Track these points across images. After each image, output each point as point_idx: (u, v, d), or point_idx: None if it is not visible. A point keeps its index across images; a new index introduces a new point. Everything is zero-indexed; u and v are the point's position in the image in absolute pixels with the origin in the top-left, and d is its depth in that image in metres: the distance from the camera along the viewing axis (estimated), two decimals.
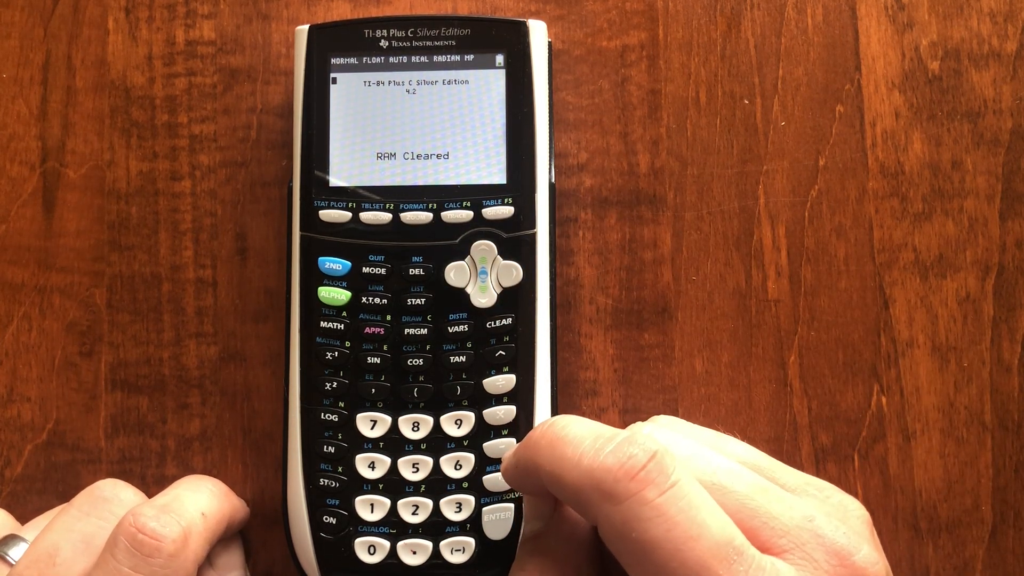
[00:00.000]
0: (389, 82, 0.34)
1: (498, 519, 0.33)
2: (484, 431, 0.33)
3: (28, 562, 0.30)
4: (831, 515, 0.27)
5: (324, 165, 0.34)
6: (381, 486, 0.33)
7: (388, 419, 0.33)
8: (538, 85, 0.34)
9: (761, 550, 0.26)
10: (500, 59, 0.34)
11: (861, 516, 0.28)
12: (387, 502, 0.33)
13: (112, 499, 0.32)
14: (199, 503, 0.31)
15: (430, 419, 0.33)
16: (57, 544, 0.30)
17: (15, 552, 0.31)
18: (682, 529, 0.24)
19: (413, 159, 0.34)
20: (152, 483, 0.36)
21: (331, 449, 0.33)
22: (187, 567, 0.28)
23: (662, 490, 0.25)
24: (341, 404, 0.33)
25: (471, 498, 0.33)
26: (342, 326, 0.33)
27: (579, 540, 0.29)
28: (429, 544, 0.33)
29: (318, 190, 0.34)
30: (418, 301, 0.33)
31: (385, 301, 0.33)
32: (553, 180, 0.35)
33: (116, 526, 0.28)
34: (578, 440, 0.26)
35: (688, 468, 0.27)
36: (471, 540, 0.33)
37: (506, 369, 0.33)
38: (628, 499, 0.24)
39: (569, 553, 0.29)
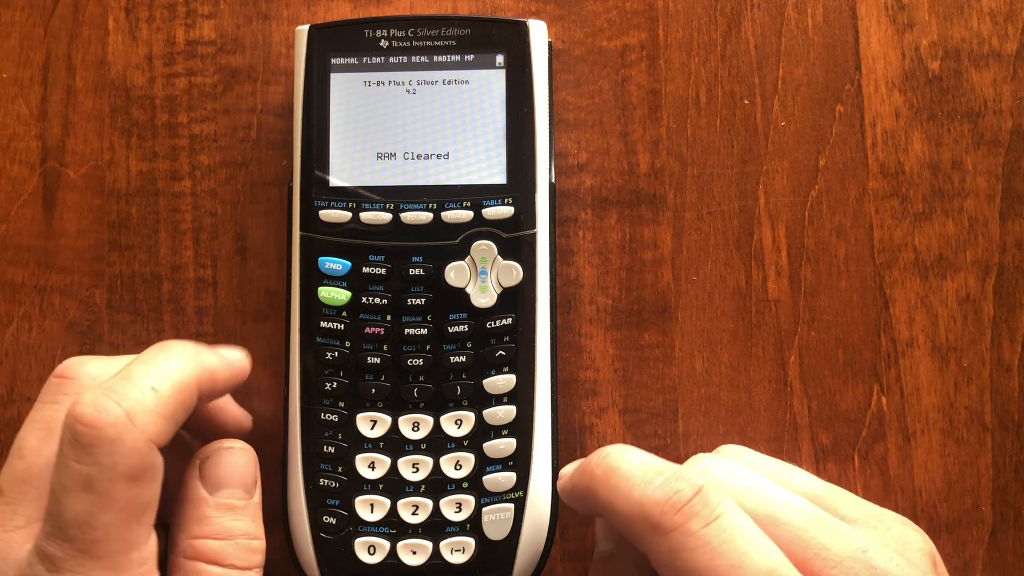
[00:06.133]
0: (389, 82, 0.34)
1: (498, 519, 0.33)
2: (484, 431, 0.33)
3: (6, 461, 0.29)
4: (888, 546, 0.27)
5: (324, 165, 0.34)
6: (381, 486, 0.33)
7: (388, 419, 0.33)
8: (538, 85, 0.34)
9: None
10: (500, 59, 0.34)
11: (922, 549, 0.28)
12: (387, 502, 0.33)
13: (73, 377, 0.30)
14: (148, 376, 0.28)
15: (430, 419, 0.33)
16: (23, 436, 0.29)
17: None
18: (724, 559, 0.25)
19: (413, 159, 0.34)
20: None
21: (331, 449, 0.33)
22: (137, 449, 0.26)
23: (706, 522, 0.26)
24: (341, 404, 0.33)
25: (471, 498, 0.33)
26: (342, 326, 0.33)
27: (647, 565, 0.29)
28: (429, 544, 0.33)
29: (318, 190, 0.34)
30: (418, 301, 0.33)
31: (385, 301, 0.33)
32: (553, 180, 0.35)
33: (64, 417, 0.27)
34: (630, 473, 0.27)
35: (742, 500, 0.27)
36: (471, 540, 0.33)
37: (506, 369, 0.33)
38: (674, 530, 0.26)
39: (636, 574, 0.29)
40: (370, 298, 0.33)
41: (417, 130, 0.34)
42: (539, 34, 0.34)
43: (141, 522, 0.27)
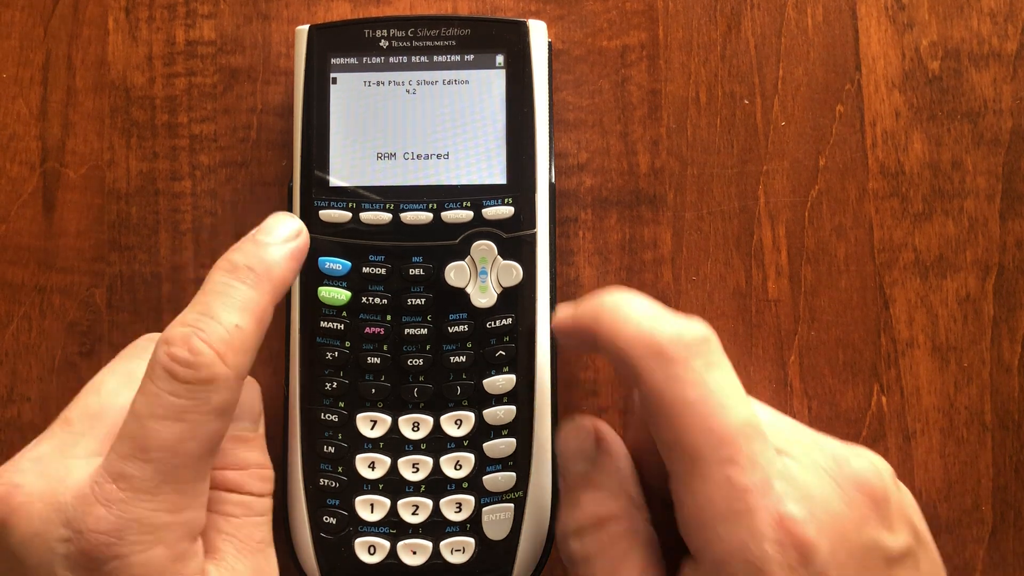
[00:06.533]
0: (389, 82, 0.34)
1: (498, 519, 0.33)
2: (484, 431, 0.33)
3: (77, 396, 0.31)
4: (845, 445, 0.28)
5: (324, 165, 0.34)
6: (381, 486, 0.33)
7: (388, 419, 0.33)
8: (538, 85, 0.34)
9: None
10: (500, 59, 0.34)
11: (879, 458, 0.29)
12: (387, 502, 0.33)
13: (154, 343, 0.31)
14: (230, 312, 0.28)
15: (430, 419, 0.33)
16: (103, 379, 0.31)
17: None
18: (715, 399, 0.26)
19: (413, 159, 0.34)
20: None
21: (331, 449, 0.33)
22: (228, 387, 0.28)
23: (708, 363, 0.27)
24: (341, 404, 0.33)
25: (471, 498, 0.33)
26: (342, 326, 0.33)
27: (625, 471, 0.30)
28: (429, 544, 0.33)
29: (318, 190, 0.34)
30: (418, 301, 0.33)
31: (385, 301, 0.33)
32: (553, 180, 0.35)
33: (152, 354, 0.28)
34: (642, 308, 0.28)
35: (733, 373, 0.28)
36: (471, 540, 0.33)
37: (506, 369, 0.33)
38: (676, 361, 0.26)
39: (618, 483, 0.30)
40: (370, 298, 0.33)
41: (417, 130, 0.34)
42: (539, 34, 0.34)
43: (213, 455, 0.28)
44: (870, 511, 0.27)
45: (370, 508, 0.33)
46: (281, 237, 0.30)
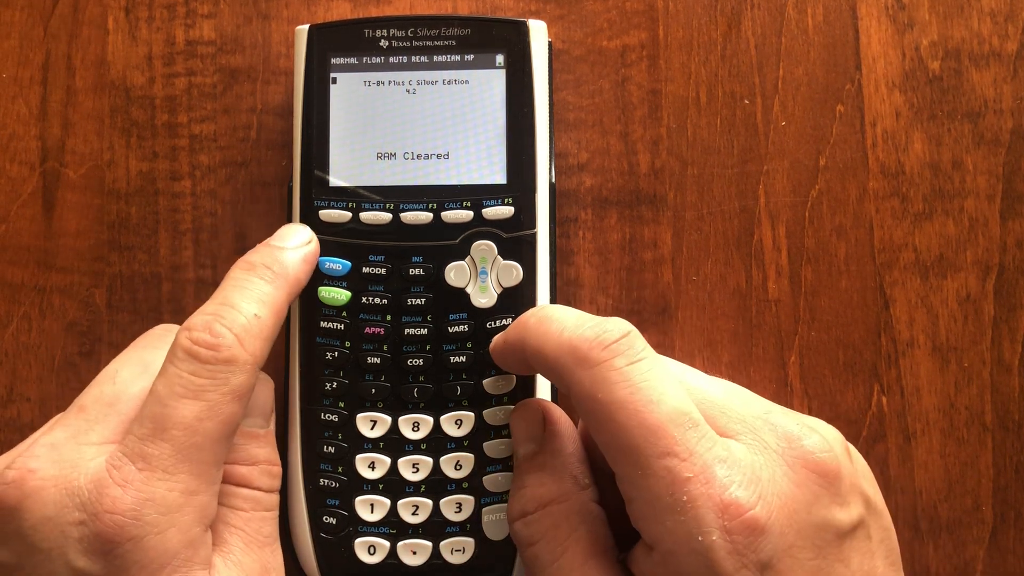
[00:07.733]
0: (389, 82, 0.34)
1: (498, 519, 0.33)
2: (484, 431, 0.33)
3: (91, 384, 0.31)
4: (792, 417, 0.29)
5: (324, 165, 0.34)
6: (381, 486, 0.33)
7: (388, 419, 0.33)
8: (538, 85, 0.34)
9: (717, 434, 0.27)
10: (500, 59, 0.34)
11: (835, 432, 0.29)
12: (387, 502, 0.33)
13: (169, 332, 0.33)
14: (249, 303, 0.30)
15: (430, 419, 0.33)
16: (117, 368, 0.31)
17: None
18: (644, 394, 0.26)
19: (413, 159, 0.34)
20: None
21: (331, 449, 0.33)
22: (247, 371, 0.29)
23: (631, 361, 0.27)
24: (341, 404, 0.33)
25: (471, 498, 0.33)
26: (342, 326, 0.33)
27: (571, 453, 0.31)
28: (429, 544, 0.33)
29: (318, 190, 0.34)
30: (418, 301, 0.33)
31: (385, 301, 0.33)
32: (553, 180, 0.35)
33: (173, 341, 0.29)
34: (563, 319, 0.29)
35: (660, 360, 0.29)
36: (471, 540, 0.33)
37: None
38: (599, 364, 0.27)
39: (563, 465, 0.31)
40: (370, 298, 0.33)
41: (417, 130, 0.34)
42: (539, 34, 0.34)
43: (228, 441, 0.29)
44: (822, 489, 0.27)
45: (370, 508, 0.33)
46: (294, 244, 0.32)
